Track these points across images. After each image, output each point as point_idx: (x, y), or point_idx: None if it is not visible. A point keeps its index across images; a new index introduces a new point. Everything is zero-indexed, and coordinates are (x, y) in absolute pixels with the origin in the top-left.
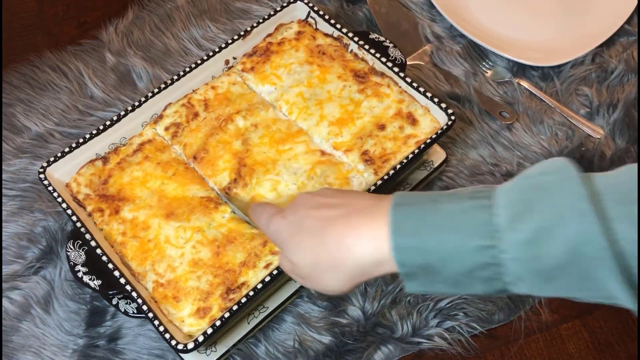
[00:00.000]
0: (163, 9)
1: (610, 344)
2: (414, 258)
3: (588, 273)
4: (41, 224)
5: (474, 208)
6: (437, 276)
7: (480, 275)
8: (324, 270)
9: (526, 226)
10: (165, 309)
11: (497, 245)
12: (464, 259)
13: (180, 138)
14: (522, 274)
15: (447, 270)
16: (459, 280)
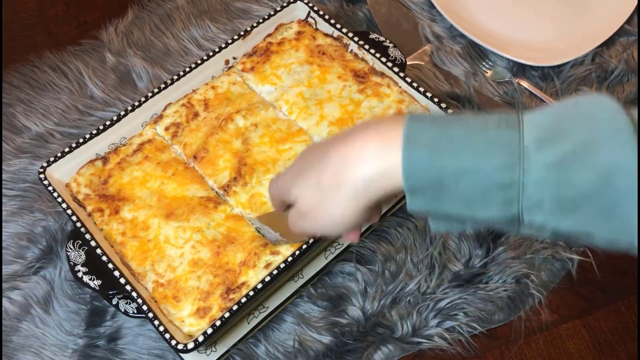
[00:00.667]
0: (163, 9)
1: (610, 344)
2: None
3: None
4: (41, 224)
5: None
6: (446, 193)
7: (496, 196)
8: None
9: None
10: (165, 309)
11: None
12: (483, 176)
13: (180, 138)
14: (543, 200)
15: (461, 187)
16: (472, 199)
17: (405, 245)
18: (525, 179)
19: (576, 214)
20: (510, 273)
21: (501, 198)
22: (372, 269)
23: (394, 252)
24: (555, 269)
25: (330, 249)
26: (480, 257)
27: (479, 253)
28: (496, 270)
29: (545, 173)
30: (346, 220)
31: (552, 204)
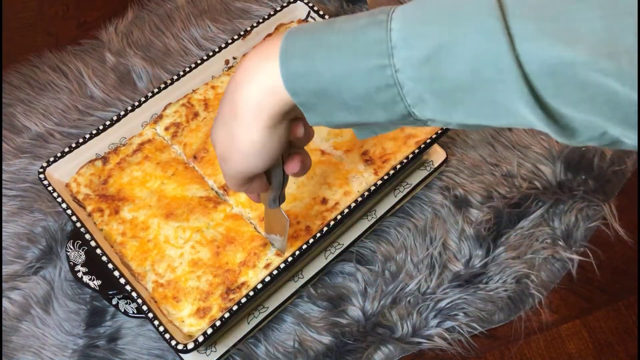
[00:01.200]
0: (163, 9)
1: (610, 344)
2: (305, 83)
3: (493, 96)
4: (41, 224)
5: (369, 25)
6: (334, 103)
7: (379, 98)
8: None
9: (423, 43)
10: (165, 309)
11: (392, 63)
12: (359, 80)
13: (181, 138)
14: (423, 95)
15: (343, 95)
16: (358, 105)
17: (405, 245)
18: (399, 77)
19: (460, 108)
20: (510, 273)
21: (384, 99)
22: (372, 269)
23: (394, 252)
24: (555, 269)
25: (330, 249)
26: (480, 257)
27: (479, 253)
28: (496, 270)
29: (417, 70)
30: (259, 146)
31: (434, 100)
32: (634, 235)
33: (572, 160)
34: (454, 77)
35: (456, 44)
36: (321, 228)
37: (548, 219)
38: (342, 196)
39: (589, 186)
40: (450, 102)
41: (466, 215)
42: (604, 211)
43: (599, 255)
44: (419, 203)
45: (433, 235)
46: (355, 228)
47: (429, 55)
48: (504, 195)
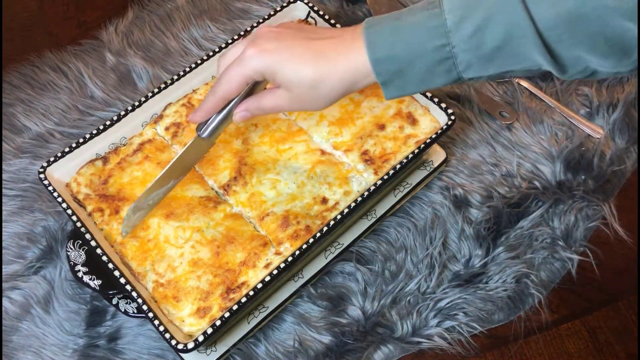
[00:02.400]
0: (163, 9)
1: (610, 343)
2: (388, 66)
3: (518, 49)
4: (41, 223)
5: (428, 17)
6: (407, 77)
7: (439, 69)
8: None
9: (469, 24)
10: (165, 309)
11: (450, 42)
12: (427, 58)
13: (181, 138)
14: (471, 61)
15: (414, 70)
16: (424, 77)
17: (405, 245)
18: (454, 51)
19: (495, 62)
20: (510, 273)
21: (443, 69)
22: (372, 269)
23: (394, 252)
24: (555, 269)
25: (330, 249)
26: (480, 257)
27: (479, 253)
28: (496, 270)
29: (468, 42)
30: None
31: (478, 61)
32: (633, 235)
33: (571, 160)
34: (492, 42)
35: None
36: (321, 228)
37: (548, 219)
38: (342, 196)
39: (589, 186)
40: (489, 60)
41: (466, 215)
42: (603, 211)
43: (598, 255)
44: (419, 203)
45: (433, 235)
46: (355, 228)
47: (474, 31)
48: (504, 195)
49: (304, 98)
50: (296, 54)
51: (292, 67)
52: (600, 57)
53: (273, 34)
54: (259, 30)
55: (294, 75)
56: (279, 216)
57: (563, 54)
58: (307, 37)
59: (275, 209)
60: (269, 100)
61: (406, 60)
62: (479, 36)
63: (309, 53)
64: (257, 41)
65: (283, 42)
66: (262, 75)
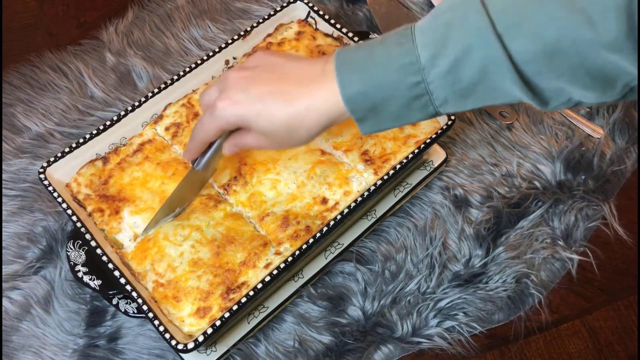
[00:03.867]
0: (163, 9)
1: (610, 343)
2: (362, 104)
3: (495, 84)
4: (41, 224)
5: (402, 55)
6: (382, 114)
7: (415, 105)
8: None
9: (444, 60)
10: (165, 309)
11: (425, 79)
12: (401, 95)
13: (181, 138)
14: (448, 97)
15: (390, 108)
16: (401, 113)
17: (405, 245)
18: (430, 88)
19: (473, 97)
20: (510, 273)
21: (420, 105)
22: (372, 269)
23: (394, 252)
24: (555, 269)
25: (330, 249)
26: (480, 257)
27: (479, 253)
28: (496, 270)
29: (443, 79)
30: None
31: (455, 97)
32: (633, 235)
33: (571, 160)
34: (468, 77)
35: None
36: (321, 228)
37: (548, 219)
38: (342, 196)
39: (589, 186)
40: (466, 96)
41: (466, 215)
42: (603, 211)
43: (598, 255)
44: (419, 203)
45: (433, 235)
46: (355, 228)
47: (449, 68)
48: (504, 195)
49: (283, 141)
50: (268, 104)
51: (265, 118)
52: (583, 89)
53: (243, 82)
54: (228, 78)
55: (268, 126)
56: (279, 216)
57: (543, 86)
58: (277, 79)
59: (275, 209)
60: (252, 139)
61: (380, 98)
62: (455, 72)
63: (281, 101)
64: (227, 92)
65: (253, 91)
66: (236, 126)
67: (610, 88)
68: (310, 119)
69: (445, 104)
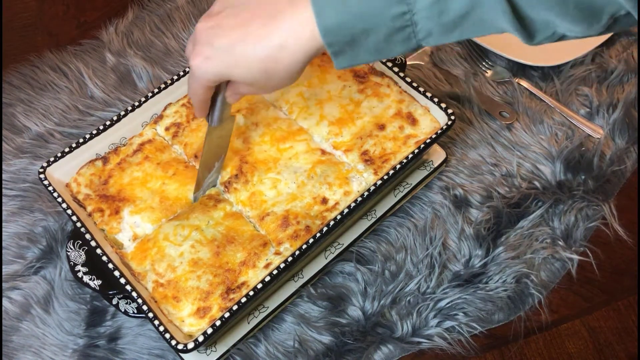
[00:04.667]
0: (163, 9)
1: (610, 343)
2: (340, 37)
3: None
4: (41, 224)
5: None
6: (361, 47)
7: (397, 38)
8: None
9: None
10: (165, 309)
11: (411, 9)
12: (384, 26)
13: (181, 138)
14: (432, 28)
15: (370, 40)
16: (381, 46)
17: (405, 245)
18: (415, 19)
19: (458, 30)
20: (510, 273)
21: (402, 38)
22: (372, 269)
23: (394, 252)
24: (555, 269)
25: (330, 249)
26: (480, 257)
27: (479, 253)
28: (496, 270)
29: (430, 9)
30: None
31: (439, 30)
32: (633, 235)
33: (571, 160)
34: (456, 10)
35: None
36: (321, 228)
37: (548, 219)
38: (342, 196)
39: (589, 186)
40: (451, 28)
41: (466, 215)
42: (603, 211)
43: (598, 255)
44: (419, 203)
45: (433, 235)
46: (355, 228)
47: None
48: (504, 195)
49: (265, 85)
50: (238, 54)
51: (240, 68)
52: (570, 22)
53: (209, 33)
54: (196, 31)
55: (246, 75)
56: (279, 216)
57: (533, 17)
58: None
59: (275, 209)
60: (242, 87)
61: (361, 29)
62: (442, 3)
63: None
64: (197, 49)
65: (220, 43)
66: (217, 81)
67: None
68: (286, 57)
69: (429, 36)
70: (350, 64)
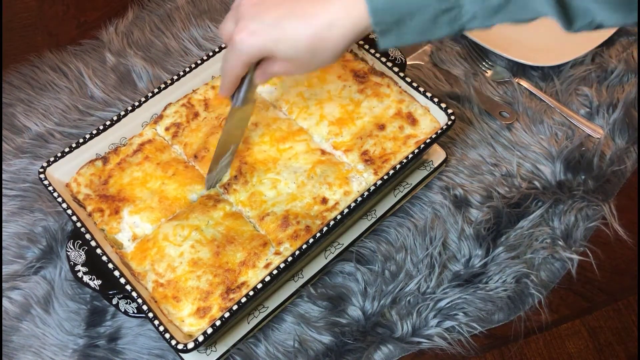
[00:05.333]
0: (163, 9)
1: (610, 343)
2: (388, 16)
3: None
4: (41, 224)
5: None
6: (406, 28)
7: (443, 19)
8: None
9: None
10: (165, 309)
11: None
12: (431, 7)
13: (181, 138)
14: (477, 12)
15: (416, 21)
16: (426, 27)
17: (405, 245)
18: (461, 1)
19: (501, 13)
20: (510, 273)
21: (447, 19)
22: (372, 269)
23: (394, 252)
24: (555, 269)
25: (330, 249)
26: (480, 257)
27: (479, 253)
28: (496, 270)
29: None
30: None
31: (483, 13)
32: (633, 235)
33: (571, 160)
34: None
35: None
36: (321, 228)
37: (548, 219)
38: (342, 196)
39: (589, 186)
40: (495, 11)
41: (466, 215)
42: (603, 211)
43: (598, 255)
44: (419, 203)
45: (433, 235)
46: (355, 228)
47: None
48: (504, 195)
49: (308, 63)
50: (285, 28)
51: (286, 44)
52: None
53: (255, 9)
54: (240, 6)
55: (290, 51)
56: (278, 216)
57: (574, 4)
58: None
59: (275, 209)
60: (278, 66)
61: (408, 10)
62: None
63: (298, 23)
64: (241, 23)
65: (267, 17)
66: (259, 57)
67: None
68: (334, 36)
69: (473, 19)
70: (395, 44)
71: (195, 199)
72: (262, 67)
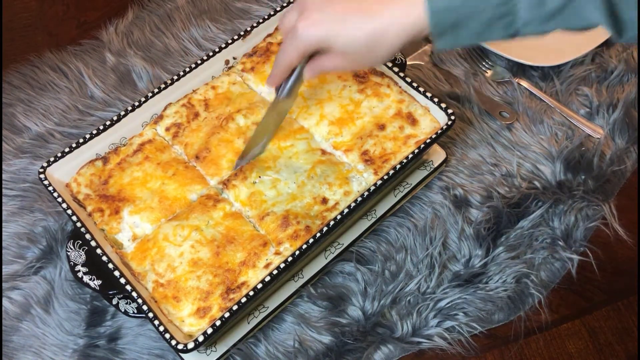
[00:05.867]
0: (163, 9)
1: (610, 343)
2: (446, 18)
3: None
4: (41, 224)
5: None
6: (463, 31)
7: (499, 24)
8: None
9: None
10: (165, 309)
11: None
12: (487, 12)
13: (181, 138)
14: (531, 19)
15: (472, 24)
16: (482, 31)
17: (405, 245)
18: (517, 8)
19: (554, 21)
20: (510, 273)
21: (502, 24)
22: (372, 269)
23: (394, 252)
24: (555, 269)
25: (330, 249)
26: (480, 257)
27: (479, 253)
28: (496, 270)
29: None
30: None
31: (537, 20)
32: (633, 235)
33: (571, 160)
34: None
35: None
36: (321, 228)
37: (548, 219)
38: (342, 196)
39: (589, 186)
40: (548, 19)
41: (466, 215)
42: (603, 211)
43: (598, 255)
44: (419, 203)
45: (433, 235)
46: (355, 228)
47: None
48: (504, 195)
49: (362, 59)
50: (348, 21)
51: (346, 36)
52: None
53: (320, 2)
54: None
55: (349, 44)
56: (279, 216)
57: (625, 16)
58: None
59: (275, 209)
60: (331, 61)
61: (465, 14)
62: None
63: (361, 18)
64: (306, 13)
65: (332, 10)
66: (317, 48)
67: None
68: (392, 34)
69: (528, 25)
70: (451, 46)
71: (195, 199)
72: (312, 62)
